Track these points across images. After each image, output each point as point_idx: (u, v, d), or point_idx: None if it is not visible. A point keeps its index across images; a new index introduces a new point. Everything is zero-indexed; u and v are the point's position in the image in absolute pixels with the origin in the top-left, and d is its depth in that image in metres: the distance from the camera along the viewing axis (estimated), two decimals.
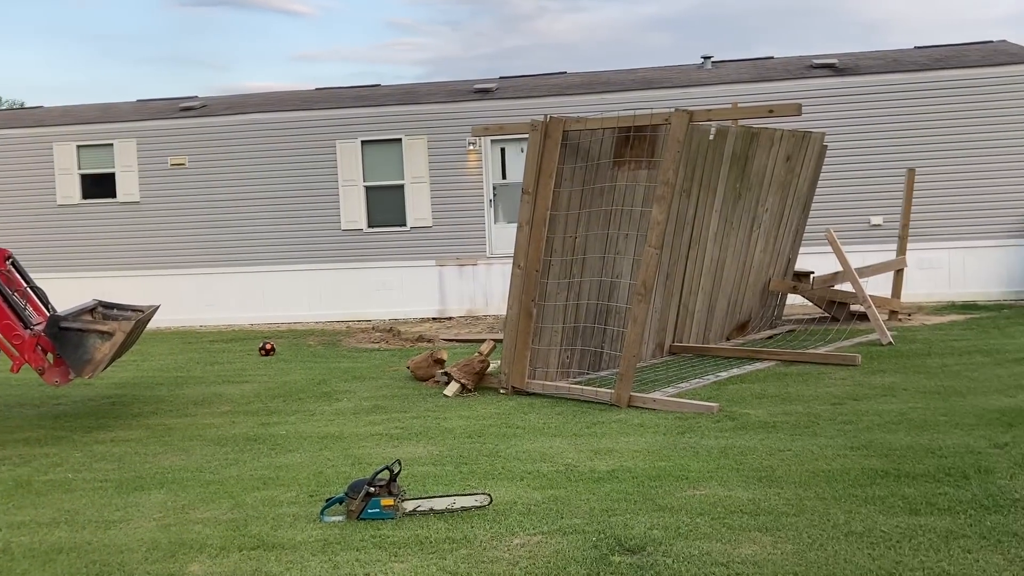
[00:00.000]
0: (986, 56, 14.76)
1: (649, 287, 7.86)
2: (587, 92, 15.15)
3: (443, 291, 15.59)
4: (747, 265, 11.46)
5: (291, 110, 16.02)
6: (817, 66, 15.22)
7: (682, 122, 7.69)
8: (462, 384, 8.70)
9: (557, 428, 7.11)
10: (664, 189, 7.80)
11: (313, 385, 9.70)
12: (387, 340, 13.27)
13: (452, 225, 15.50)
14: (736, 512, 4.89)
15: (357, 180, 15.66)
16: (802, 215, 12.18)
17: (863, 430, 6.54)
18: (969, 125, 14.11)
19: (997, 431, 6.33)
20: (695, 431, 6.77)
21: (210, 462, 6.58)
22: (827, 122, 13.95)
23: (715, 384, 8.62)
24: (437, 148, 15.47)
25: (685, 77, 15.69)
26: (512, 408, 7.95)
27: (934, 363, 9.10)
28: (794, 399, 7.75)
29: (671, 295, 10.30)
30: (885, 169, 14.27)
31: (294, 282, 15.86)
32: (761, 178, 10.95)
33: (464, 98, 15.66)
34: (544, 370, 8.71)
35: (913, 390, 7.85)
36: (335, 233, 15.80)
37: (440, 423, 7.51)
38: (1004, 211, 14.14)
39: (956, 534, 4.43)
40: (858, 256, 13.38)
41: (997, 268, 14.21)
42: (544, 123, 8.32)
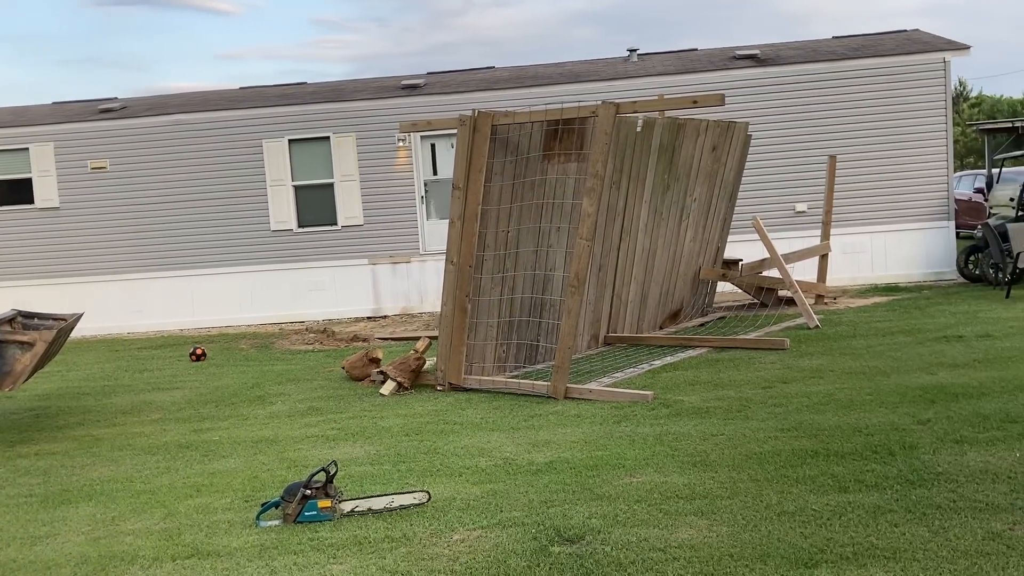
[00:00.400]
0: (900, 45, 15.20)
1: (582, 279, 7.91)
2: (515, 86, 15.17)
3: (377, 290, 15.46)
4: (677, 254, 11.62)
5: (215, 110, 15.69)
6: (740, 57, 15.49)
7: (609, 114, 7.75)
8: (398, 382, 8.64)
9: (495, 422, 7.12)
10: (593, 181, 7.86)
11: (246, 389, 9.54)
12: (321, 341, 13.11)
13: (384, 223, 15.38)
14: (672, 497, 4.96)
15: (285, 180, 15.43)
16: (729, 204, 12.40)
17: (793, 412, 6.70)
18: (886, 112, 14.52)
19: (920, 408, 6.54)
20: (631, 419, 6.85)
21: (140, 471, 6.42)
22: (751, 112, 14.22)
23: (649, 372, 8.73)
24: (366, 145, 15.33)
25: (612, 70, 15.82)
26: (449, 404, 7.93)
27: (859, 344, 9.35)
28: (726, 384, 7.90)
29: (604, 286, 10.39)
30: (808, 157, 14.60)
31: (224, 285, 15.56)
32: (688, 168, 11.11)
33: (392, 95, 15.54)
34: (480, 365, 8.71)
35: (840, 371, 8.07)
36: (264, 234, 15.54)
37: (377, 422, 7.45)
38: (923, 195, 14.60)
39: (883, 509, 4.56)
40: (784, 242, 13.68)
41: (917, 251, 14.67)
42: (472, 118, 8.31)
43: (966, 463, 5.19)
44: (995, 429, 5.84)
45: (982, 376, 7.41)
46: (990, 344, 8.78)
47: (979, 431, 5.82)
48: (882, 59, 14.57)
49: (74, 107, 17.35)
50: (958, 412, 6.32)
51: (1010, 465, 5.10)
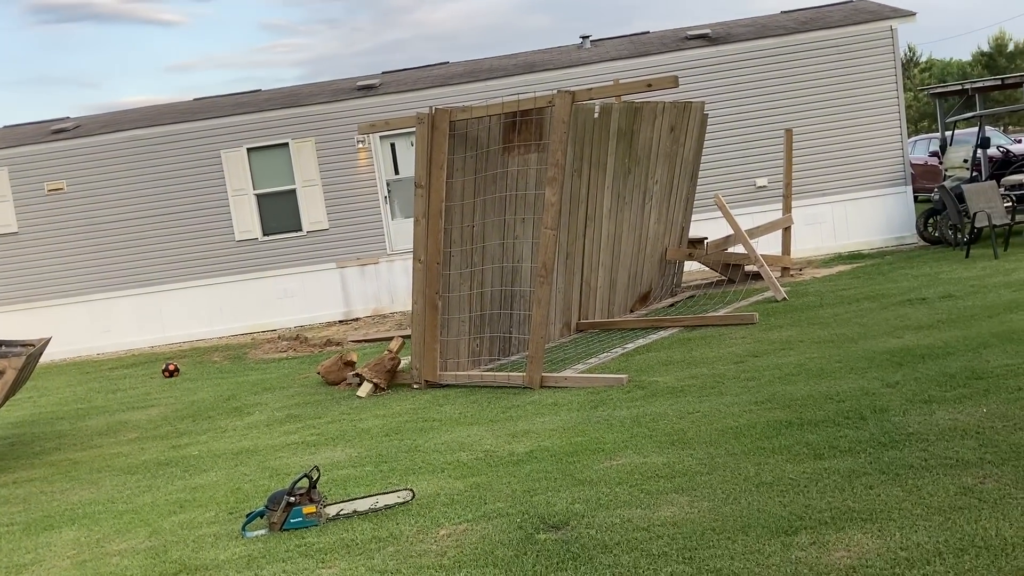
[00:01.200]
0: (847, 15, 15.40)
1: (549, 268, 7.97)
2: (471, 80, 15.17)
3: (347, 293, 15.43)
4: (643, 237, 11.72)
5: (170, 123, 15.53)
6: (692, 37, 15.61)
7: (565, 103, 7.80)
8: (375, 384, 8.66)
9: (473, 416, 7.16)
10: (555, 170, 7.91)
11: (222, 402, 9.51)
12: (294, 348, 13.07)
13: (349, 225, 15.34)
14: (652, 477, 5.03)
15: (247, 188, 15.33)
16: (691, 183, 12.52)
17: (765, 384, 6.81)
18: (839, 82, 14.71)
19: (888, 371, 6.68)
20: (608, 404, 6.92)
21: (122, 492, 6.39)
22: (706, 91, 14.35)
23: (623, 356, 8.82)
24: (326, 149, 15.27)
25: (566, 58, 15.87)
26: (427, 402, 7.97)
27: (826, 313, 9.51)
28: (699, 362, 8.00)
29: (573, 274, 10.45)
30: (765, 132, 14.76)
31: (192, 299, 15.45)
32: (648, 151, 11.20)
33: (349, 96, 15.48)
34: (455, 361, 8.75)
35: (809, 341, 8.20)
36: (229, 244, 15.44)
37: (356, 425, 7.47)
38: (879, 162, 14.82)
39: (858, 472, 4.67)
40: (747, 218, 13.84)
41: (877, 217, 14.90)
42: (430, 115, 8.33)
43: (935, 422, 5.32)
44: (962, 387, 5.98)
45: (946, 336, 7.57)
46: (952, 304, 8.96)
47: (946, 390, 5.96)
48: (831, 31, 14.76)
49: (26, 129, 17.11)
50: (925, 373, 6.46)
51: (977, 421, 5.23)
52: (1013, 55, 48.31)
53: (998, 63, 47.76)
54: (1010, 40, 49.51)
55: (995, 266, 11.01)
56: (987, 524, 3.85)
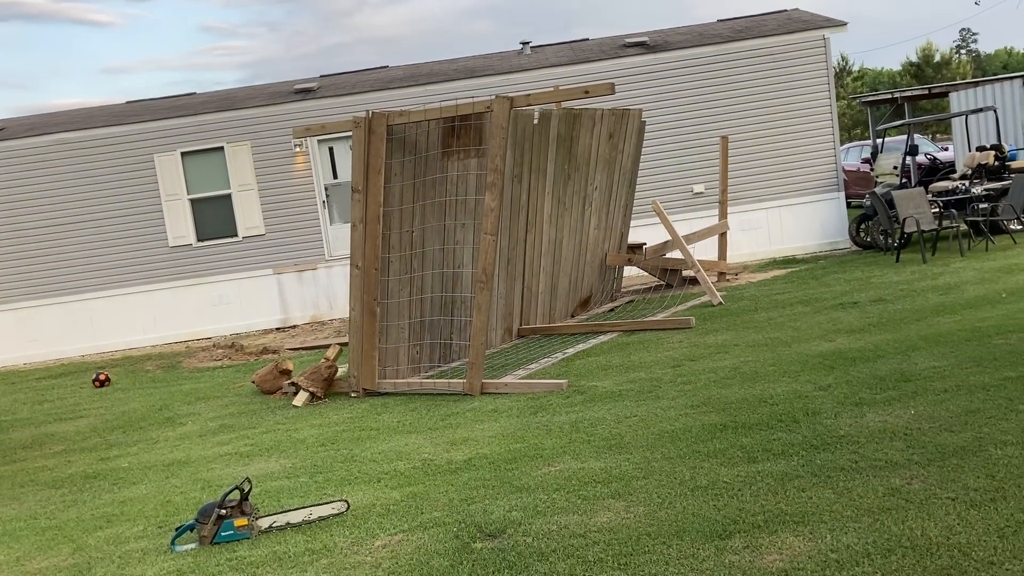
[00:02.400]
0: (782, 24, 15.69)
1: (489, 274, 7.94)
2: (411, 84, 15.09)
3: (284, 299, 15.20)
4: (583, 243, 11.77)
5: (101, 126, 15.14)
6: (630, 44, 15.75)
7: (504, 108, 7.79)
8: (311, 392, 8.53)
9: (412, 424, 7.09)
10: (494, 176, 7.89)
11: (154, 412, 9.27)
12: (230, 356, 12.82)
13: (287, 231, 15.12)
14: (590, 483, 5.03)
15: (180, 193, 15.01)
16: (629, 190, 12.61)
17: (701, 388, 6.87)
18: (773, 90, 14.97)
19: (820, 374, 6.79)
20: (547, 409, 6.91)
21: (45, 507, 6.18)
22: (644, 98, 14.48)
23: (563, 361, 8.83)
24: (262, 153, 15.03)
25: (506, 64, 15.89)
26: (365, 410, 7.87)
27: (761, 317, 9.65)
28: (637, 367, 8.04)
29: (514, 279, 10.44)
30: (701, 138, 14.95)
31: (125, 306, 15.06)
32: (588, 157, 11.25)
33: (286, 100, 15.27)
34: (394, 368, 8.67)
35: (744, 345, 8.31)
36: (163, 250, 15.10)
37: (291, 435, 7.34)
38: (813, 169, 15.11)
39: (791, 475, 4.72)
40: (685, 224, 14.00)
41: (811, 223, 15.19)
42: (367, 119, 8.24)
43: (865, 424, 5.42)
44: (891, 389, 6.11)
45: (877, 339, 7.74)
46: (883, 308, 9.17)
47: (876, 392, 6.08)
48: (766, 39, 15.02)
49: None
50: (856, 376, 6.59)
51: (906, 423, 5.34)
52: (939, 65, 49.87)
53: (926, 73, 49.24)
54: (936, 51, 51.12)
55: (924, 270, 11.30)
56: (913, 524, 3.92)
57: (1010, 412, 5.27)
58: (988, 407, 5.41)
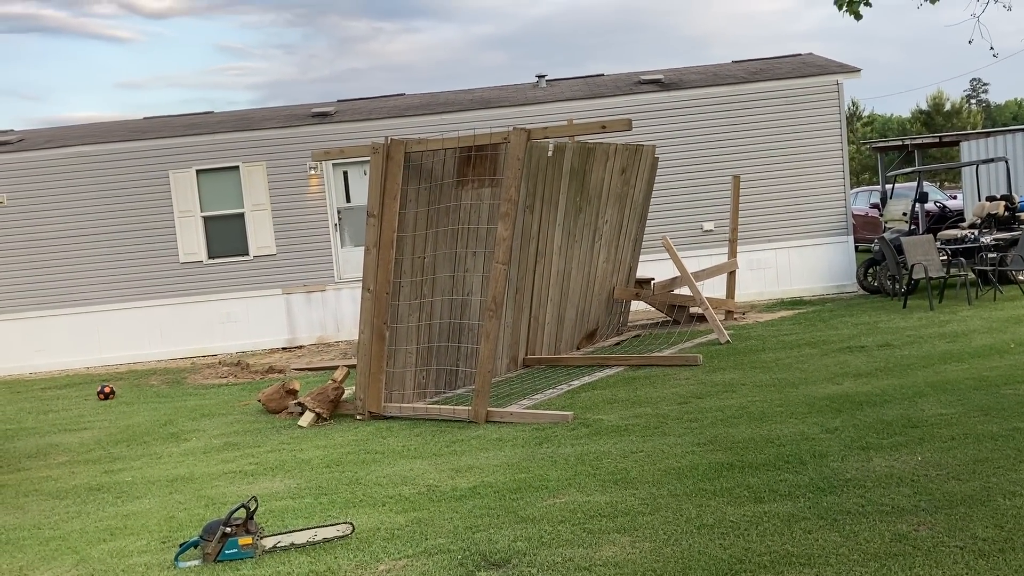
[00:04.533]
0: (795, 68, 15.84)
1: (499, 303, 7.98)
2: (426, 113, 15.23)
3: (292, 319, 15.25)
4: (592, 275, 11.82)
5: (119, 141, 15.29)
6: (645, 82, 15.90)
7: (520, 140, 7.87)
8: (317, 413, 8.54)
9: (417, 450, 7.10)
10: (507, 206, 7.95)
11: (159, 427, 9.28)
12: (235, 374, 12.84)
13: (297, 251, 15.20)
14: (595, 516, 5.03)
15: (194, 210, 15.12)
16: (640, 224, 12.68)
17: (708, 426, 6.87)
18: (786, 132, 15.09)
19: (828, 417, 6.79)
20: (552, 441, 6.92)
21: (49, 517, 6.18)
22: (657, 135, 14.59)
23: (569, 393, 8.84)
24: (277, 174, 15.15)
25: (522, 96, 16.04)
26: (370, 433, 7.88)
27: (768, 358, 9.66)
28: (643, 402, 8.05)
29: (521, 309, 10.48)
30: (713, 177, 15.05)
31: (132, 320, 15.12)
32: (599, 191, 11.33)
33: (302, 122, 15.42)
34: (400, 392, 8.68)
35: (751, 384, 8.31)
36: (173, 266, 15.18)
37: (296, 455, 7.34)
38: (822, 211, 15.18)
39: (797, 517, 4.72)
40: (693, 260, 14.05)
41: (819, 265, 15.24)
42: (386, 145, 8.33)
43: (872, 468, 5.42)
44: (898, 435, 6.11)
45: (884, 384, 7.74)
46: (890, 353, 9.18)
47: (883, 437, 6.08)
48: (780, 82, 15.15)
49: None
50: (863, 420, 6.59)
51: (913, 468, 5.34)
52: (950, 114, 50.15)
53: (936, 121, 49.51)
54: (947, 100, 51.42)
55: (931, 317, 11.32)
56: (920, 572, 3.92)
57: (1019, 462, 5.27)
58: (996, 456, 5.42)
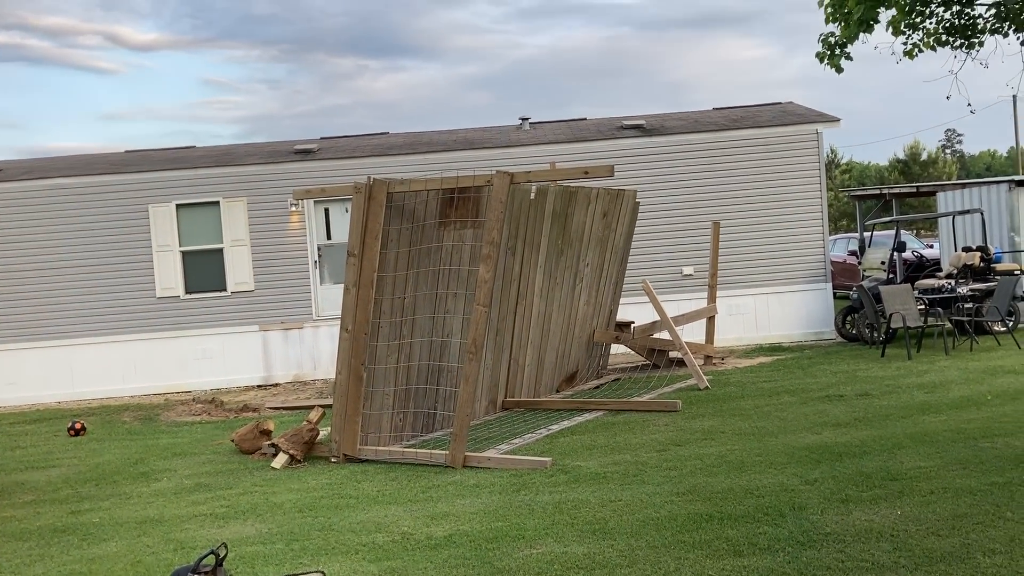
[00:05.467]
0: (776, 117, 16.04)
1: (479, 345, 7.92)
2: (410, 152, 15.27)
3: (268, 357, 15.09)
4: (572, 318, 11.79)
5: (99, 174, 15.19)
6: (627, 127, 16.04)
7: (504, 183, 7.88)
8: (291, 455, 8.41)
9: (392, 495, 6.98)
10: (489, 248, 7.93)
11: (129, 465, 9.10)
12: (209, 412, 12.66)
13: (276, 288, 15.09)
14: (573, 568, 4.95)
15: (172, 245, 15.00)
16: (620, 268, 12.70)
17: (687, 475, 6.81)
18: (766, 179, 15.22)
19: (807, 468, 6.76)
20: (530, 488, 6.83)
21: (11, 560, 6.01)
22: (639, 179, 14.68)
23: (547, 438, 8.76)
24: (258, 210, 15.09)
25: (505, 138, 16.12)
26: (344, 477, 7.75)
27: (747, 405, 9.63)
28: (622, 448, 7.99)
29: (501, 351, 10.42)
30: (693, 221, 15.13)
31: (106, 354, 14.91)
32: (581, 234, 11.35)
33: (285, 159, 15.40)
34: (376, 435, 8.57)
35: (730, 432, 8.27)
36: (150, 301, 15.02)
37: (269, 498, 7.21)
38: (801, 258, 15.28)
39: (776, 572, 4.66)
40: (673, 304, 14.08)
41: (798, 311, 15.30)
42: (368, 185, 8.31)
43: (852, 522, 5.37)
44: (877, 487, 6.08)
45: (863, 435, 7.73)
46: (869, 403, 9.18)
47: (863, 490, 6.05)
48: (760, 130, 15.33)
49: None
50: (843, 471, 6.56)
51: (892, 523, 5.30)
52: (926, 163, 50.96)
53: (912, 170, 50.29)
54: (923, 150, 52.29)
55: (909, 367, 11.36)
56: None
57: (998, 519, 5.25)
58: (975, 512, 5.39)
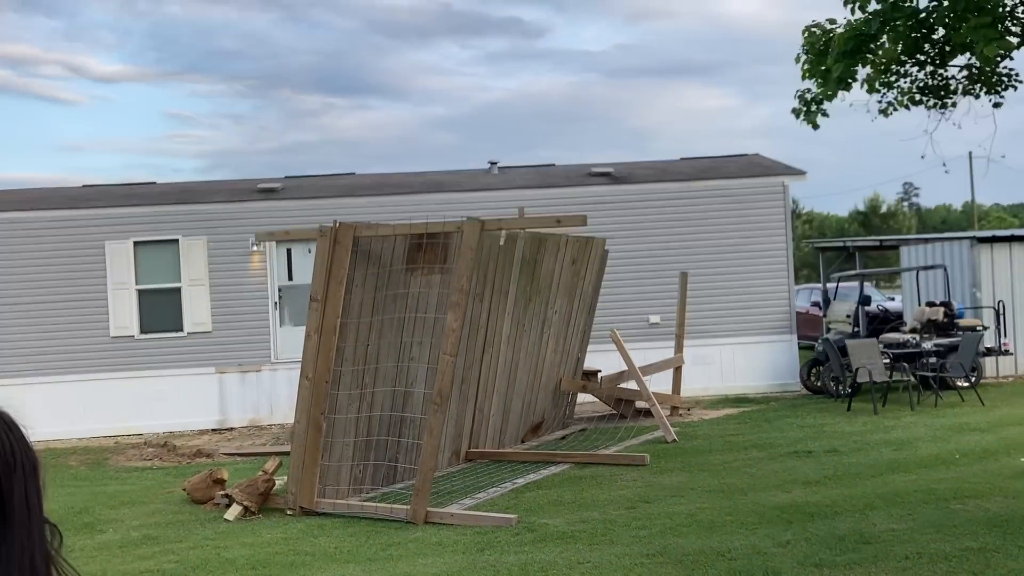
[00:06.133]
0: (743, 168, 16.13)
1: (445, 396, 7.70)
2: (376, 194, 15.09)
3: (224, 400, 14.67)
4: (539, 366, 11.60)
5: (55, 208, 14.81)
6: (596, 174, 16.02)
7: (474, 231, 7.72)
8: (245, 506, 8.06)
9: (350, 553, 6.68)
10: (458, 296, 7.75)
11: (72, 515, 8.66)
12: (161, 456, 12.23)
13: (234, 329, 14.72)
14: None
15: (129, 283, 14.60)
16: (588, 316, 12.57)
17: (657, 535, 6.60)
18: (732, 230, 15.23)
19: (779, 528, 6.59)
20: (495, 547, 6.57)
21: None
22: (606, 226, 14.58)
23: (513, 492, 8.51)
24: (218, 249, 14.76)
25: (473, 182, 16.02)
26: (300, 531, 7.43)
27: (716, 459, 9.46)
28: (590, 504, 7.76)
29: (466, 400, 10.19)
30: (660, 270, 15.06)
31: (55, 394, 14.38)
32: (550, 282, 11.22)
33: (247, 198, 15.14)
34: (335, 487, 8.26)
35: (699, 489, 8.09)
36: (103, 340, 14.56)
37: (220, 553, 6.87)
38: (767, 309, 15.26)
39: None
40: (640, 353, 13.92)
41: (764, 363, 15.25)
42: (334, 229, 8.10)
43: None
44: (851, 551, 5.92)
45: (834, 494, 7.59)
46: (838, 460, 9.06)
47: (836, 553, 5.88)
48: (727, 181, 15.39)
49: None
50: (815, 533, 6.40)
51: None
52: (886, 216, 51.92)
53: (872, 222, 51.19)
54: (883, 202, 53.31)
55: (875, 422, 11.30)
56: None
57: None
58: None
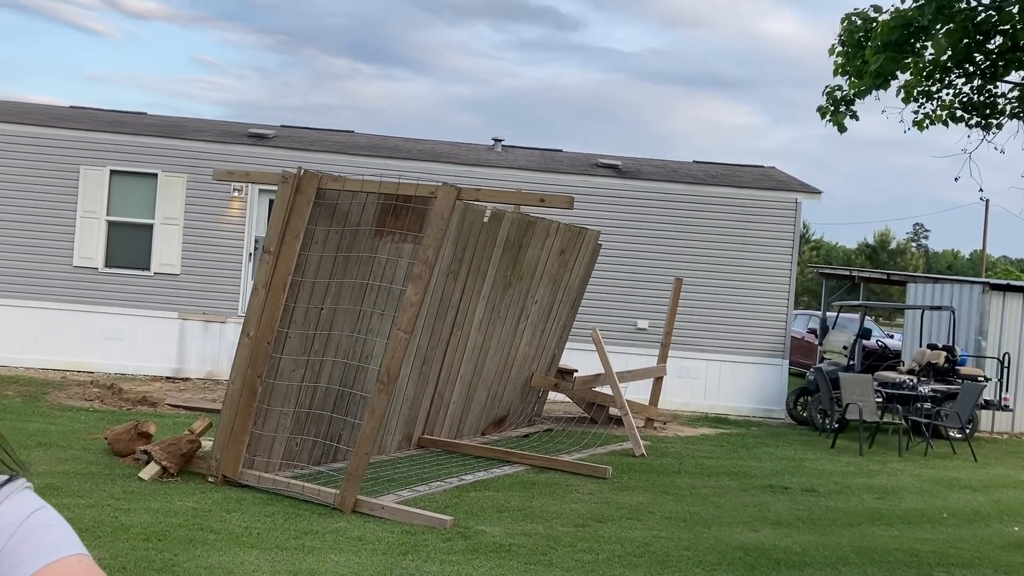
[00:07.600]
0: (757, 180, 15.35)
1: (393, 376, 6.96)
2: (371, 155, 14.31)
3: (183, 348, 13.94)
4: (511, 357, 10.88)
5: (32, 124, 14.04)
6: (602, 165, 15.25)
7: (448, 197, 6.97)
8: (163, 467, 7.34)
9: (259, 536, 5.96)
10: (422, 267, 7.00)
11: None
12: (103, 398, 11.50)
13: (203, 276, 13.98)
14: None
15: (99, 212, 13.85)
16: (571, 311, 11.84)
17: (602, 563, 5.89)
18: (737, 242, 14.45)
19: (740, 573, 5.87)
20: (420, 551, 5.86)
21: None
22: (604, 221, 13.84)
23: (457, 489, 7.79)
24: (198, 190, 13.99)
25: (474, 156, 15.25)
26: (215, 503, 6.71)
27: (683, 483, 8.74)
28: (537, 516, 7.04)
29: (426, 382, 9.46)
30: (655, 274, 14.30)
31: (8, 319, 13.66)
32: (533, 269, 10.48)
33: (236, 140, 14.37)
34: (264, 460, 7.54)
35: (660, 514, 7.37)
36: (65, 269, 13.83)
37: (118, 516, 6.15)
38: (762, 330, 14.50)
39: None
40: (622, 357, 13.21)
41: (750, 385, 14.50)
42: (297, 176, 7.34)
43: None
44: None
45: (806, 540, 6.87)
46: (814, 500, 8.34)
47: None
48: (739, 190, 14.61)
49: None
50: None
51: None
52: (894, 252, 51.13)
53: (880, 257, 50.39)
54: (893, 239, 52.51)
55: (859, 463, 10.57)
56: None
57: None
58: None
